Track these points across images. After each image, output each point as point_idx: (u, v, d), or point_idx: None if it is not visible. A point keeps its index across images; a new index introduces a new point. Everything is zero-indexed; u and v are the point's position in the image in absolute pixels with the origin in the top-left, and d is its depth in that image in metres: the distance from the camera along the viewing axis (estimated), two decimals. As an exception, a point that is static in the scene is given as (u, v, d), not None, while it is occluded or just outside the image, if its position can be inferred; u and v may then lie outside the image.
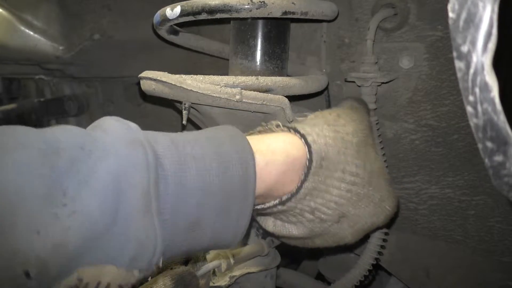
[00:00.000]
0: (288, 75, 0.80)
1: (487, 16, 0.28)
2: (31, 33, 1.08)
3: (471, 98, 0.29)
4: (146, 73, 0.71)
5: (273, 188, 0.54)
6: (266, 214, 0.62)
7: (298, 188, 0.55)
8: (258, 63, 0.77)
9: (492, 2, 0.27)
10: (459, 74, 0.30)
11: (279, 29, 0.77)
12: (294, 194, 0.55)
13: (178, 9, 0.71)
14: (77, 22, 1.04)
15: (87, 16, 1.03)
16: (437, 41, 0.75)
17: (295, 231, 0.60)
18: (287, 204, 0.55)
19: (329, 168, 0.56)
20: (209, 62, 1.07)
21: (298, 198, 0.55)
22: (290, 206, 0.56)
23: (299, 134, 0.57)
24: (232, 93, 0.66)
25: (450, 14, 0.29)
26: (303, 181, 0.54)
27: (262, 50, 0.76)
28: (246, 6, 0.66)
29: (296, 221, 0.59)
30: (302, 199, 0.56)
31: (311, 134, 0.56)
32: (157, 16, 0.77)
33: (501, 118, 0.28)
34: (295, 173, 0.55)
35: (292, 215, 0.58)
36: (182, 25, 0.90)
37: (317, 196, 0.56)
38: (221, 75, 0.70)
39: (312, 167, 0.54)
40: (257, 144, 0.53)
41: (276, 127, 0.60)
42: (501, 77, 0.30)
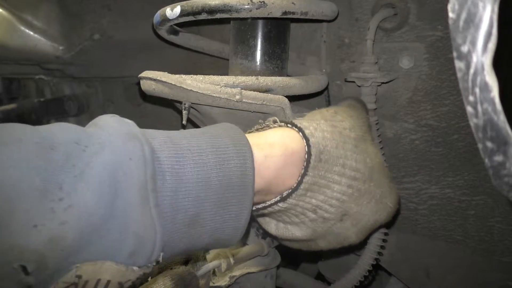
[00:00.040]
0: (288, 75, 0.80)
1: (487, 16, 0.28)
2: (31, 33, 1.08)
3: (471, 98, 0.29)
4: (146, 73, 0.71)
5: (273, 183, 0.54)
6: (268, 215, 0.62)
7: (298, 183, 0.54)
8: (258, 63, 0.77)
9: (492, 2, 0.27)
10: (459, 74, 0.30)
11: (279, 29, 0.77)
12: (295, 190, 0.54)
13: (178, 9, 0.71)
14: (77, 22, 1.04)
15: (87, 16, 1.03)
16: (437, 41, 0.75)
17: (298, 233, 0.60)
18: (288, 201, 0.55)
19: (329, 162, 0.55)
20: (209, 62, 1.07)
21: (299, 194, 0.55)
22: (292, 203, 0.55)
23: (297, 128, 0.56)
24: (232, 93, 0.66)
25: (450, 14, 0.29)
26: (303, 175, 0.54)
27: (262, 50, 0.76)
28: (246, 6, 0.66)
29: (299, 222, 0.58)
30: (303, 196, 0.55)
31: (309, 128, 0.56)
32: (157, 16, 0.77)
33: (501, 118, 0.28)
34: (295, 167, 0.54)
35: (294, 215, 0.58)
36: (182, 25, 0.90)
37: (318, 192, 0.55)
38: (221, 75, 0.70)
39: (311, 161, 0.54)
40: (255, 139, 0.53)
41: (274, 123, 0.60)
42: (501, 77, 0.30)
